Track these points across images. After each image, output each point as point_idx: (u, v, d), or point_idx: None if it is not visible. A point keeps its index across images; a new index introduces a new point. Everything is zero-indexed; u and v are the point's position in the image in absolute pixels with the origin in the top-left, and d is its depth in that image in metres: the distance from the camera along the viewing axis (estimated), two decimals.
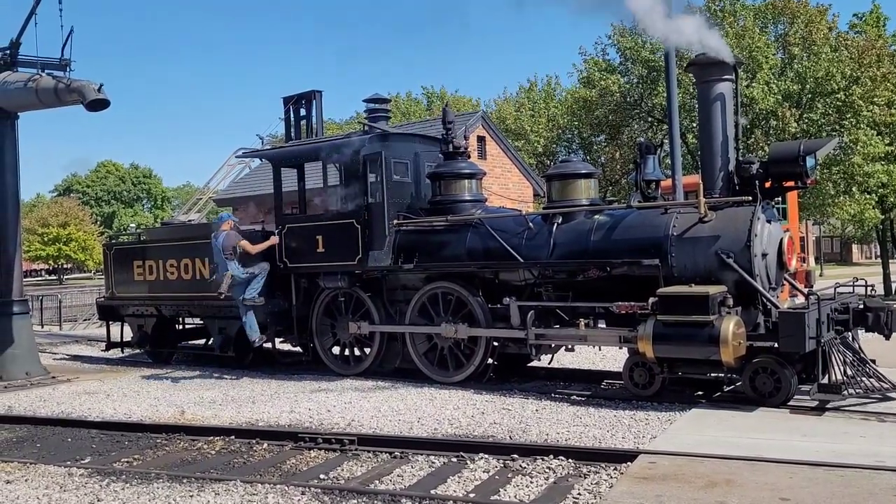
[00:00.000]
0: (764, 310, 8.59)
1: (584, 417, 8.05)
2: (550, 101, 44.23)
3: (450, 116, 11.05)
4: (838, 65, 27.33)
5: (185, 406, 9.60)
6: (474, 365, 10.09)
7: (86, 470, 7.04)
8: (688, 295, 8.16)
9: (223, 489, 6.23)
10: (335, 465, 6.85)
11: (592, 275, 9.31)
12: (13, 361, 12.51)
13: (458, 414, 8.45)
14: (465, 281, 10.25)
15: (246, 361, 12.61)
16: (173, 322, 14.14)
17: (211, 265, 11.97)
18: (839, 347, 8.23)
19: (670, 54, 13.44)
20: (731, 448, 6.43)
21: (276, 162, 12.11)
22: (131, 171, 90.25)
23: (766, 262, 8.66)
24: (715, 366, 8.21)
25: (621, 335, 8.87)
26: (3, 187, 12.82)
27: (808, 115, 27.83)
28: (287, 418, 8.66)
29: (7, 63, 12.56)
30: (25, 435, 8.73)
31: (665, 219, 9.01)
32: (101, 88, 11.55)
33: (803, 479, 5.60)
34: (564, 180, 9.99)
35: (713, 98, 9.00)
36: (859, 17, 36.01)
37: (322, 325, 11.59)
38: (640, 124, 33.30)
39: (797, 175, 8.77)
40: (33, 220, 59.64)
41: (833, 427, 7.17)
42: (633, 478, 5.83)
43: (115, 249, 14.28)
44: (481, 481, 6.21)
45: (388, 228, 10.67)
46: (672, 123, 13.57)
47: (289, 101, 16.14)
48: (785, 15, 29.46)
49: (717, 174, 9.01)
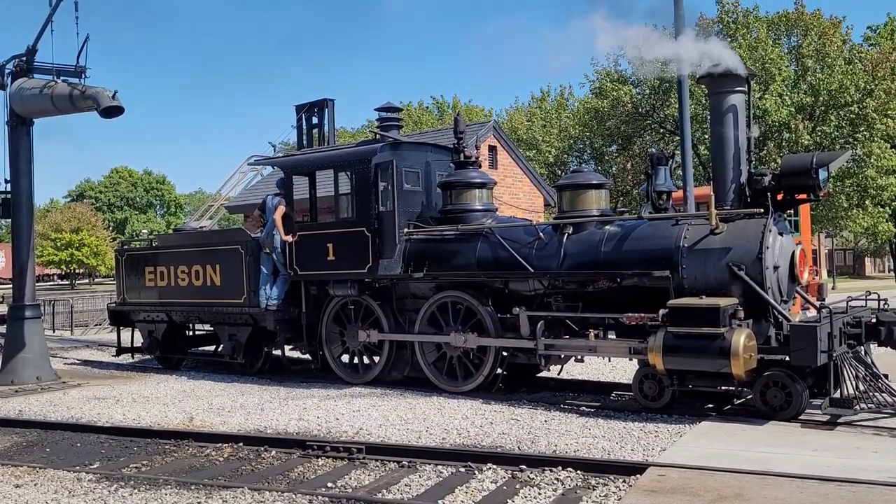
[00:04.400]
0: (775, 323, 8.54)
1: (593, 429, 8.02)
2: (562, 111, 44.25)
3: (461, 126, 11.08)
4: (852, 77, 27.26)
5: (194, 412, 9.62)
6: (483, 375, 10.07)
7: (94, 475, 7.05)
8: (699, 307, 8.13)
9: (231, 496, 6.24)
10: (343, 474, 6.84)
11: (603, 285, 9.29)
12: (25, 366, 12.58)
13: (467, 424, 8.43)
14: (475, 290, 10.24)
15: (255, 368, 12.63)
16: (183, 328, 14.17)
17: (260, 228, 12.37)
18: (851, 362, 8.16)
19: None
20: (742, 462, 6.38)
21: (288, 170, 12.17)
22: (144, 177, 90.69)
23: (778, 275, 8.62)
24: (725, 378, 8.16)
25: (631, 346, 8.84)
26: (17, 192, 12.92)
27: (822, 128, 27.75)
28: (295, 426, 8.66)
29: (23, 70, 12.70)
30: (35, 439, 8.77)
31: (676, 230, 8.99)
32: (116, 95, 11.65)
33: (814, 494, 5.55)
34: (575, 190, 9.98)
35: (725, 109, 8.98)
36: (873, 29, 35.94)
37: (331, 333, 11.60)
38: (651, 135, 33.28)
39: (810, 187, 8.73)
40: (46, 225, 59.99)
41: (845, 442, 7.11)
42: (642, 491, 5.80)
43: (126, 255, 14.36)
44: (489, 492, 6.19)
45: (398, 237, 10.69)
46: (684, 134, 13.56)
47: (301, 109, 16.21)
48: (798, 27, 29.42)
49: (728, 186, 8.97)
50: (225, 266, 12.39)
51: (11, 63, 12.80)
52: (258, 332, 12.28)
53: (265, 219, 12.05)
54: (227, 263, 12.37)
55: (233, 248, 12.31)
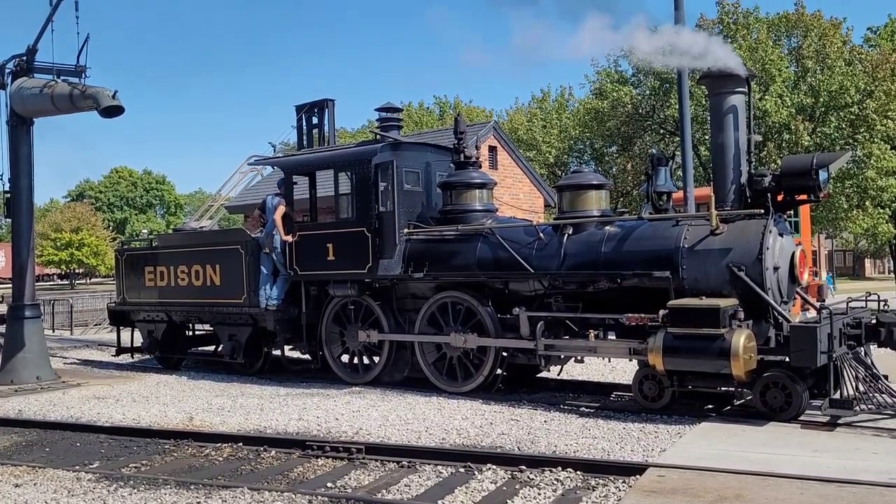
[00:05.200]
0: (775, 323, 8.54)
1: (592, 429, 8.02)
2: (563, 111, 44.25)
3: (461, 126, 11.08)
4: (852, 78, 27.26)
5: (194, 412, 9.62)
6: (483, 375, 10.06)
7: (94, 475, 7.04)
8: (699, 307, 8.13)
9: (230, 496, 6.23)
10: (342, 474, 6.83)
11: (603, 286, 9.29)
12: (24, 365, 12.58)
13: (467, 424, 8.43)
14: (475, 291, 10.24)
15: (255, 368, 12.63)
16: (183, 328, 14.16)
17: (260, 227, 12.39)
18: (851, 363, 8.16)
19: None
20: (741, 462, 6.38)
21: (288, 170, 12.16)
22: (144, 176, 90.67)
23: (778, 276, 8.61)
24: (725, 379, 8.16)
25: (631, 347, 8.84)
26: (17, 192, 12.92)
27: (822, 129, 27.76)
28: (295, 426, 8.66)
29: (23, 69, 12.70)
30: (35, 439, 8.76)
31: (676, 231, 8.98)
32: (116, 95, 11.65)
33: (814, 495, 5.54)
34: (576, 191, 9.97)
35: (726, 110, 8.98)
36: (873, 30, 35.95)
37: (331, 333, 11.60)
38: (652, 136, 33.29)
39: (810, 188, 8.73)
40: (46, 224, 59.97)
41: (845, 443, 7.10)
42: (642, 491, 5.79)
43: (126, 255, 14.35)
44: (489, 492, 6.18)
45: (398, 237, 10.68)
46: (684, 135, 13.54)
47: (301, 109, 16.20)
48: (798, 28, 29.42)
49: (729, 186, 8.97)
50: (225, 266, 12.39)
51: (12, 62, 12.81)
52: (258, 332, 12.28)
53: (265, 219, 12.05)
54: (227, 263, 12.36)
55: (233, 249, 12.31)
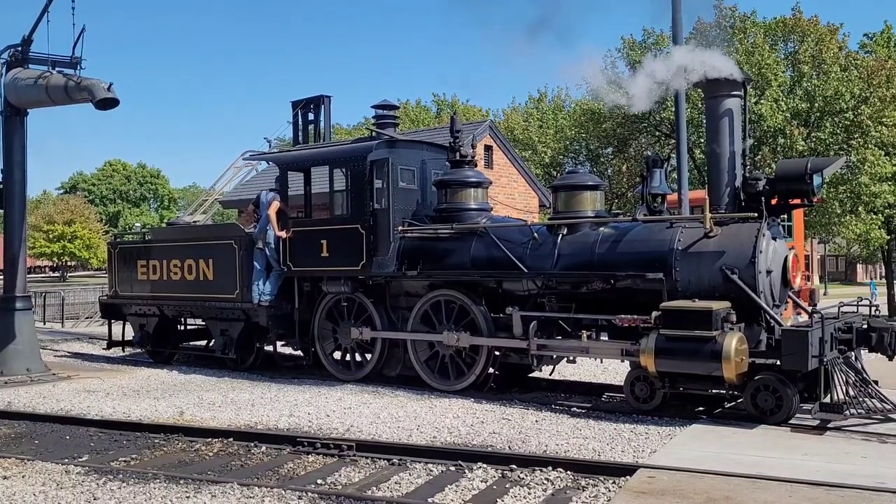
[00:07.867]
0: (767, 327, 8.56)
1: (583, 430, 8.02)
2: (559, 112, 44.24)
3: (457, 125, 11.07)
4: (848, 84, 27.31)
5: (185, 407, 9.59)
6: (475, 374, 10.07)
7: (83, 468, 7.02)
8: (691, 310, 8.14)
9: (220, 491, 6.21)
10: (333, 471, 6.82)
11: (596, 287, 9.30)
12: (14, 357, 12.52)
13: (458, 423, 8.43)
14: (469, 289, 10.24)
15: (246, 364, 12.60)
16: (175, 322, 14.14)
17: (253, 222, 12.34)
18: (842, 367, 8.20)
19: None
20: (731, 465, 6.40)
21: (283, 165, 12.14)
22: (138, 170, 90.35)
23: (771, 279, 8.64)
24: (717, 382, 8.17)
25: (623, 348, 8.85)
26: (10, 184, 12.85)
27: (817, 134, 27.80)
28: (286, 422, 8.65)
29: (18, 60, 12.63)
30: (24, 431, 8.73)
31: (670, 233, 9.00)
32: (111, 87, 11.59)
33: (803, 498, 5.56)
34: (571, 191, 9.98)
35: (721, 114, 9.00)
36: (870, 36, 36.02)
37: (324, 330, 11.59)
38: (647, 138, 33.31)
39: (804, 193, 8.76)
40: (39, 216, 59.74)
41: (834, 447, 7.13)
42: (632, 492, 5.80)
43: (119, 248, 14.31)
44: (479, 491, 6.19)
45: (392, 235, 10.67)
46: (680, 138, 13.56)
47: (297, 104, 16.19)
48: (795, 33, 29.46)
49: (723, 190, 8.99)
50: (218, 261, 12.37)
51: (6, 53, 12.74)
52: (250, 327, 12.26)
53: (259, 214, 12.03)
54: (220, 258, 12.34)
55: (226, 244, 12.29)
